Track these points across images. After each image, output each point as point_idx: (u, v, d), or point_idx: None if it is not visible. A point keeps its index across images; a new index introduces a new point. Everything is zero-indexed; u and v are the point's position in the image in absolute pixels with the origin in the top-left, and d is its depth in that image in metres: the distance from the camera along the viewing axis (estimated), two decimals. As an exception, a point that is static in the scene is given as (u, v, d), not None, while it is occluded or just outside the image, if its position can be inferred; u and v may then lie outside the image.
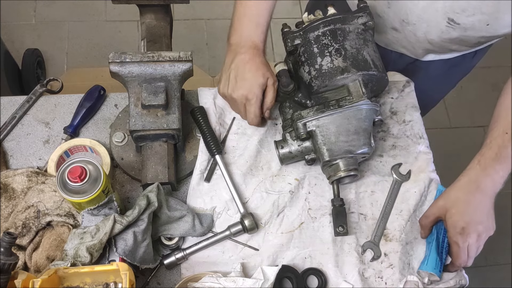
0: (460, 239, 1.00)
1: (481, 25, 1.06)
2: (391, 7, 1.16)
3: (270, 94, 1.10)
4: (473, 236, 1.00)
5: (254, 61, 1.07)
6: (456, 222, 1.00)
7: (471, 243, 1.01)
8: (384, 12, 1.19)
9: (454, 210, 1.01)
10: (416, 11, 1.11)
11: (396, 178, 1.18)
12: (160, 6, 1.21)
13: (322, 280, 1.07)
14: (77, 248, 0.93)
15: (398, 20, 1.18)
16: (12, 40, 2.46)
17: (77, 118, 1.18)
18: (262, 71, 1.07)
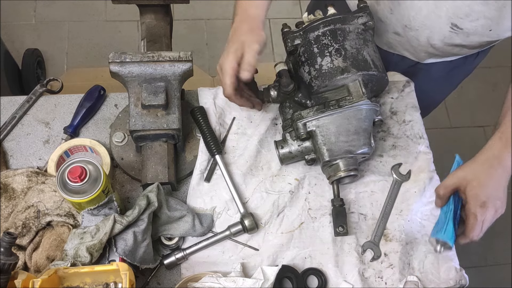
0: (480, 212, 0.98)
1: (484, 30, 1.06)
2: (393, 13, 1.16)
3: (247, 55, 1.01)
4: (491, 210, 0.99)
5: (241, 28, 1.04)
6: (477, 195, 0.99)
7: (487, 217, 0.99)
8: (387, 18, 1.19)
9: (475, 183, 0.99)
10: (419, 17, 1.12)
11: (396, 178, 1.18)
12: (160, 6, 1.21)
13: (322, 280, 1.07)
14: (77, 248, 0.93)
15: (400, 26, 1.18)
16: (12, 40, 2.46)
17: (77, 118, 1.18)
18: (241, 35, 1.02)
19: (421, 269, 1.11)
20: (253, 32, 1.02)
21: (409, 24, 1.15)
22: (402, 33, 1.20)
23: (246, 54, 1.00)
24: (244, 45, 1.00)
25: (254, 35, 1.02)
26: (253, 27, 1.03)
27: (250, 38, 1.01)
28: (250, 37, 1.01)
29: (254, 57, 1.00)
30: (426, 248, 1.13)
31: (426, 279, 1.10)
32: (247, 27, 1.03)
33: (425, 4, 1.07)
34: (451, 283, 1.09)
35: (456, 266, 1.11)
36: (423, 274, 1.10)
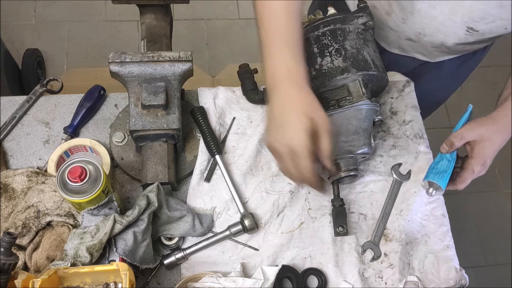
0: (478, 169, 1.04)
1: (499, 29, 1.06)
2: (406, 22, 1.15)
3: (324, 142, 0.87)
4: (484, 171, 1.06)
5: (294, 98, 0.87)
6: (485, 154, 1.03)
7: (479, 174, 1.07)
8: (399, 26, 1.19)
9: (488, 143, 1.04)
10: (434, 24, 1.11)
11: (396, 178, 1.18)
12: (160, 6, 1.21)
13: (322, 280, 1.07)
14: (77, 248, 0.93)
15: (414, 33, 1.18)
16: (12, 40, 2.46)
17: (77, 118, 1.18)
18: (306, 110, 0.86)
19: (421, 269, 1.11)
20: (313, 106, 0.88)
21: (423, 31, 1.15)
22: (415, 39, 1.20)
23: (324, 140, 0.87)
24: (317, 126, 0.86)
25: (318, 111, 0.88)
26: (309, 100, 0.87)
27: (319, 114, 0.87)
28: (319, 114, 0.87)
29: (331, 143, 0.88)
30: (426, 248, 1.13)
31: (426, 279, 1.10)
32: (303, 98, 0.88)
33: (440, 12, 1.07)
34: (451, 283, 1.09)
35: (456, 266, 1.11)
36: (423, 274, 1.10)
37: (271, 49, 0.90)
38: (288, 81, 0.88)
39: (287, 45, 0.89)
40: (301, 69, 0.89)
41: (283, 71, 0.88)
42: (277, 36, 0.90)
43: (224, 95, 1.24)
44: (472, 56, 1.32)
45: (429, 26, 1.12)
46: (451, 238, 1.15)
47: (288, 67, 0.88)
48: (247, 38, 2.65)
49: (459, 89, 1.67)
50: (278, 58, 0.89)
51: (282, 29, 0.90)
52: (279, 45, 0.90)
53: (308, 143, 0.85)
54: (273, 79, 0.89)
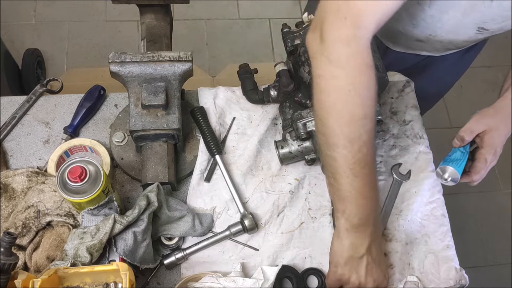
0: (490, 158, 1.06)
1: (509, 27, 1.07)
2: (416, 26, 1.15)
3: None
4: (495, 160, 1.07)
5: (380, 246, 0.97)
6: (495, 143, 1.05)
7: (492, 164, 1.07)
8: (408, 30, 1.18)
9: (495, 133, 1.06)
10: (446, 27, 1.11)
11: (396, 178, 1.17)
12: (160, 6, 1.21)
13: (322, 280, 1.07)
14: (77, 248, 0.93)
15: (424, 36, 1.18)
16: (12, 40, 2.46)
17: (77, 118, 1.18)
18: (382, 250, 1.00)
19: (421, 269, 1.11)
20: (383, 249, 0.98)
21: (434, 33, 1.15)
22: (425, 40, 1.20)
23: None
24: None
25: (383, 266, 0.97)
26: (380, 240, 0.97)
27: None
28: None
29: None
30: (426, 248, 1.13)
31: (426, 279, 1.10)
32: (379, 240, 0.97)
33: (453, 16, 1.06)
34: (451, 283, 1.09)
35: (456, 266, 1.11)
36: (423, 274, 1.10)
37: (349, 199, 0.90)
38: (375, 232, 0.94)
39: (365, 198, 0.91)
40: (374, 214, 0.93)
41: (371, 221, 0.92)
42: (361, 185, 0.90)
43: (224, 95, 1.24)
44: (473, 47, 1.33)
45: (441, 29, 1.12)
46: (451, 238, 1.15)
47: (374, 218, 0.93)
48: (247, 38, 2.65)
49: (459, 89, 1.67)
50: (363, 209, 0.91)
51: (355, 180, 0.88)
52: (364, 196, 0.90)
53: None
54: (362, 225, 0.92)
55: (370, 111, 0.87)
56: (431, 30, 1.14)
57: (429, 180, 1.18)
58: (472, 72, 1.46)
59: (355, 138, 0.85)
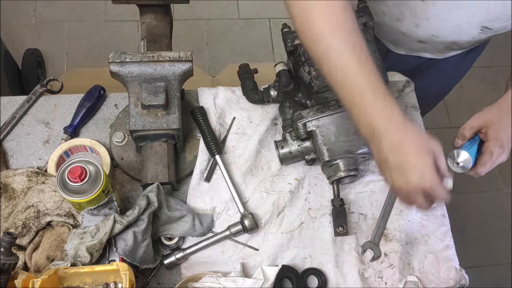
0: (497, 151, 1.02)
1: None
2: (419, 26, 1.15)
3: (442, 161, 0.89)
4: (505, 154, 1.03)
5: (405, 139, 0.87)
6: (499, 136, 1.02)
7: (499, 159, 1.03)
8: (411, 31, 1.18)
9: (498, 126, 1.03)
10: (449, 27, 1.11)
11: (396, 178, 1.17)
12: (160, 6, 1.21)
13: (322, 280, 1.07)
14: (77, 248, 0.93)
15: (427, 36, 1.17)
16: (12, 40, 2.46)
17: (77, 118, 1.18)
18: (423, 145, 0.87)
19: (421, 269, 1.11)
20: (427, 138, 0.89)
21: (437, 34, 1.15)
22: (428, 41, 1.20)
23: (442, 161, 0.89)
24: (435, 153, 0.88)
25: (431, 140, 0.88)
26: (420, 135, 0.89)
27: (433, 143, 0.88)
28: (433, 142, 0.88)
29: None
30: (426, 248, 1.13)
31: (426, 279, 1.10)
32: (416, 136, 0.88)
33: (456, 16, 1.06)
34: (451, 283, 1.09)
35: (456, 266, 1.11)
36: (423, 274, 1.10)
37: (360, 105, 0.88)
38: (393, 126, 0.87)
39: (374, 95, 0.87)
40: (397, 109, 0.88)
41: (382, 120, 0.87)
42: (361, 92, 0.87)
43: (224, 95, 1.24)
44: (474, 49, 1.33)
45: (444, 29, 1.12)
46: (451, 238, 1.15)
47: (384, 114, 0.87)
48: (247, 38, 2.65)
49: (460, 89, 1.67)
50: (370, 111, 0.87)
51: (362, 81, 0.87)
52: (366, 99, 0.87)
53: (437, 177, 0.87)
54: (373, 131, 0.87)
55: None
56: (434, 30, 1.13)
57: (429, 180, 1.18)
58: (472, 73, 1.46)
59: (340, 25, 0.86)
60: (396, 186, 0.90)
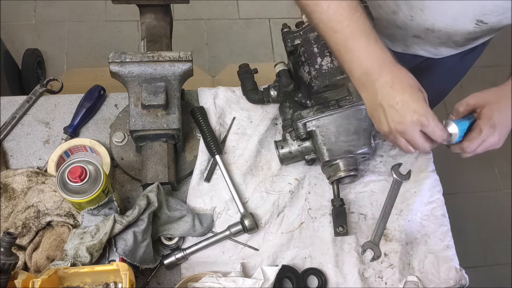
0: (486, 130, 0.96)
1: (508, 21, 1.06)
2: (414, 19, 1.14)
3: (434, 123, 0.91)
4: (496, 136, 0.97)
5: (397, 78, 0.89)
6: (492, 116, 0.97)
7: (489, 140, 0.97)
8: (406, 24, 1.18)
9: (495, 106, 0.98)
10: (444, 20, 1.10)
11: (396, 178, 1.17)
12: (160, 6, 1.21)
13: (322, 280, 1.07)
14: (77, 248, 0.93)
15: (422, 30, 1.17)
16: (12, 40, 2.46)
17: (77, 118, 1.18)
18: (414, 83, 0.90)
19: (421, 269, 1.11)
20: (415, 80, 0.92)
21: (432, 27, 1.14)
22: (423, 36, 1.19)
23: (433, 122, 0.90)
24: (424, 96, 0.91)
25: (418, 83, 0.92)
26: (410, 75, 0.92)
27: (420, 86, 0.92)
28: (420, 85, 0.92)
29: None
30: (426, 248, 1.13)
31: (426, 279, 1.10)
32: (406, 75, 0.91)
33: (451, 7, 1.06)
34: (451, 283, 1.09)
35: (456, 266, 1.11)
36: (423, 274, 1.10)
37: (353, 48, 0.91)
38: (385, 67, 0.90)
39: (367, 38, 0.90)
40: (388, 52, 0.91)
41: (375, 61, 0.90)
42: (353, 35, 0.90)
43: (224, 95, 1.24)
44: (473, 50, 1.32)
45: (439, 22, 1.11)
46: (451, 238, 1.15)
47: (377, 56, 0.90)
48: (247, 38, 2.65)
49: (459, 89, 1.66)
50: (363, 53, 0.90)
51: (354, 25, 0.90)
52: (359, 42, 0.90)
53: (430, 109, 0.89)
54: (367, 73, 0.90)
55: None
56: (429, 23, 1.13)
57: (429, 180, 1.18)
58: (472, 72, 1.46)
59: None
60: (392, 128, 0.91)
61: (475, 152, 0.99)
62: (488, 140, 0.97)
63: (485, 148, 0.98)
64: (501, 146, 1.01)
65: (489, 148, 0.99)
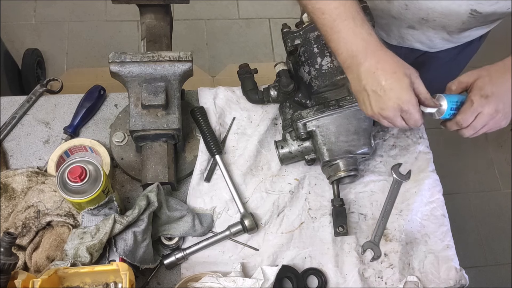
0: (478, 100, 0.94)
1: (503, 10, 1.05)
2: (409, 8, 1.15)
3: (420, 86, 0.92)
4: (491, 107, 0.94)
5: (382, 63, 0.90)
6: (484, 86, 0.95)
7: (485, 112, 0.94)
8: (401, 14, 1.18)
9: (487, 79, 0.96)
10: (438, 9, 1.10)
11: (396, 178, 1.18)
12: (160, 6, 1.21)
13: (322, 280, 1.07)
14: (77, 248, 0.93)
15: (416, 19, 1.17)
16: (12, 40, 2.46)
17: (77, 118, 1.18)
18: (398, 68, 0.90)
19: (421, 269, 1.11)
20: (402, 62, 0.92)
21: (426, 17, 1.14)
22: (417, 26, 1.19)
23: (420, 86, 0.93)
24: (411, 77, 0.91)
25: (406, 64, 0.92)
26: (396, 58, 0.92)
27: (408, 67, 0.92)
28: (408, 66, 0.92)
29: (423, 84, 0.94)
30: (426, 248, 1.13)
31: (426, 279, 1.10)
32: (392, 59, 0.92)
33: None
34: (451, 283, 1.09)
35: (456, 266, 1.11)
36: (423, 274, 1.10)
37: (340, 30, 0.93)
38: (370, 51, 0.91)
39: (353, 20, 0.92)
40: (374, 35, 0.92)
41: (361, 44, 0.91)
42: (340, 16, 0.93)
43: (224, 95, 1.24)
44: (469, 45, 1.32)
45: (433, 11, 1.11)
46: (451, 238, 1.15)
47: (363, 38, 0.92)
48: (247, 38, 2.65)
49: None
50: (349, 35, 0.92)
51: (342, 7, 0.92)
52: (346, 24, 0.92)
53: (415, 99, 0.91)
54: (352, 56, 0.92)
55: None
56: (424, 12, 1.13)
57: (429, 180, 1.18)
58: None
59: None
60: (375, 112, 0.93)
61: (475, 128, 0.97)
62: (484, 112, 0.95)
63: (484, 122, 0.95)
64: (508, 123, 0.98)
65: (490, 123, 0.96)
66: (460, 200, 2.40)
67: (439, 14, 1.12)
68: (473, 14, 1.08)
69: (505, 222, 2.42)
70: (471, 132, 0.99)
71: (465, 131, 0.99)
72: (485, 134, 1.08)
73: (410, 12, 1.16)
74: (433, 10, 1.11)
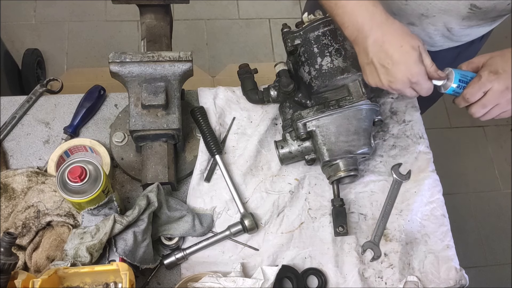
0: (487, 76, 0.93)
1: (502, 6, 1.05)
2: (408, 3, 1.14)
3: (426, 58, 0.92)
4: (502, 84, 0.92)
5: (388, 35, 0.90)
6: (494, 63, 0.94)
7: (494, 89, 0.92)
8: (401, 9, 1.18)
9: (499, 58, 0.95)
10: (438, 4, 1.10)
11: (396, 178, 1.18)
12: (160, 6, 1.21)
13: (322, 280, 1.07)
14: (77, 248, 0.93)
15: (416, 15, 1.17)
16: (12, 40, 2.46)
17: (77, 118, 1.18)
18: (405, 41, 0.91)
19: (421, 269, 1.11)
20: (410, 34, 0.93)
21: (426, 12, 1.14)
22: (417, 22, 1.19)
23: (426, 58, 0.93)
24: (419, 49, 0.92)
25: (414, 35, 0.93)
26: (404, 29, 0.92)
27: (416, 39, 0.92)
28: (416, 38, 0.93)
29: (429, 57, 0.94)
30: (426, 248, 1.13)
31: (426, 279, 1.10)
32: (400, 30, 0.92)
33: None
34: (451, 283, 1.09)
35: (456, 266, 1.11)
36: (423, 274, 1.10)
37: (344, 3, 0.93)
38: (376, 23, 0.91)
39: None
40: (379, 6, 0.93)
41: (366, 16, 0.92)
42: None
43: (224, 95, 1.24)
44: (470, 45, 1.32)
45: (433, 6, 1.11)
46: (451, 238, 1.15)
47: (368, 9, 0.92)
48: (247, 38, 2.65)
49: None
50: (354, 7, 0.93)
51: None
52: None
53: (424, 70, 0.92)
54: (358, 29, 0.92)
55: None
56: (423, 8, 1.13)
57: (429, 180, 1.18)
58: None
59: None
60: (384, 84, 0.94)
61: (485, 105, 0.95)
62: (493, 89, 0.93)
63: (494, 100, 0.93)
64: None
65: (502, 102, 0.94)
66: (460, 200, 2.40)
67: (439, 9, 1.12)
68: (473, 9, 1.07)
69: (505, 222, 2.42)
70: (481, 110, 0.97)
71: (474, 109, 0.97)
72: (484, 133, 1.08)
73: (409, 8, 1.16)
74: (432, 6, 1.11)
